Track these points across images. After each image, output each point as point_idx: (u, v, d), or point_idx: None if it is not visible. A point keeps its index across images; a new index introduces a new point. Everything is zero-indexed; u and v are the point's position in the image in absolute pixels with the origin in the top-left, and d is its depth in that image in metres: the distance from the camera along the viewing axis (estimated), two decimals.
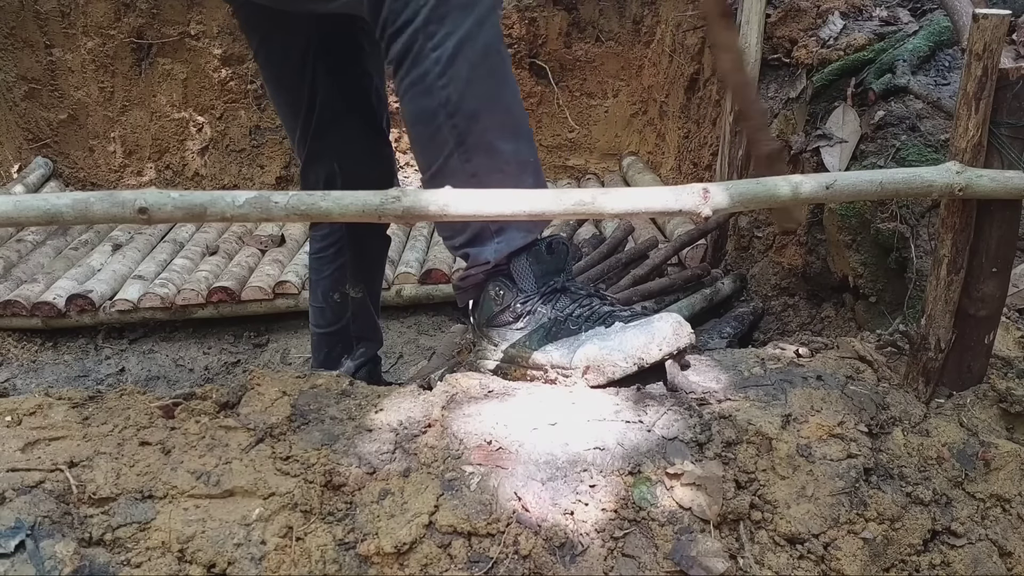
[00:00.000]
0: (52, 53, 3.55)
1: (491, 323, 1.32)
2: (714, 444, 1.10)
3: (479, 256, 1.30)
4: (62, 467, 1.02)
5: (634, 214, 1.04)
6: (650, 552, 1.01)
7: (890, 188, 1.06)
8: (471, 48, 1.17)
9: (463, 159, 1.21)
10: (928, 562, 1.05)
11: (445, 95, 1.18)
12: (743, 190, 1.04)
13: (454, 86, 1.17)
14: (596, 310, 1.28)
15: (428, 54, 1.16)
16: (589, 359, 1.20)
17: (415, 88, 1.20)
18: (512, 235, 1.28)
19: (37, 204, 0.94)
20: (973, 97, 1.06)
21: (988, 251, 1.14)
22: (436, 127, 1.20)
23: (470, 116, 1.19)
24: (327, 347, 1.82)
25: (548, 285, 1.29)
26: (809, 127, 2.14)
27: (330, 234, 1.75)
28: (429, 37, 1.16)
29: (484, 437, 1.09)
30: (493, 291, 1.32)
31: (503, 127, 1.23)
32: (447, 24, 1.15)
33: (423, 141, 1.24)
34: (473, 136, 1.20)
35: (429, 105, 1.19)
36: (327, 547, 0.99)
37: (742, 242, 2.56)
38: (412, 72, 1.19)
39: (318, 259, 1.79)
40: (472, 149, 1.21)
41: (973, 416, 1.17)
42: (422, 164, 1.27)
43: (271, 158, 3.71)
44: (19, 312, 2.66)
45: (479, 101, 1.20)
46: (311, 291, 1.83)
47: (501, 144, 1.22)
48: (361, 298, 1.81)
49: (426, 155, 1.25)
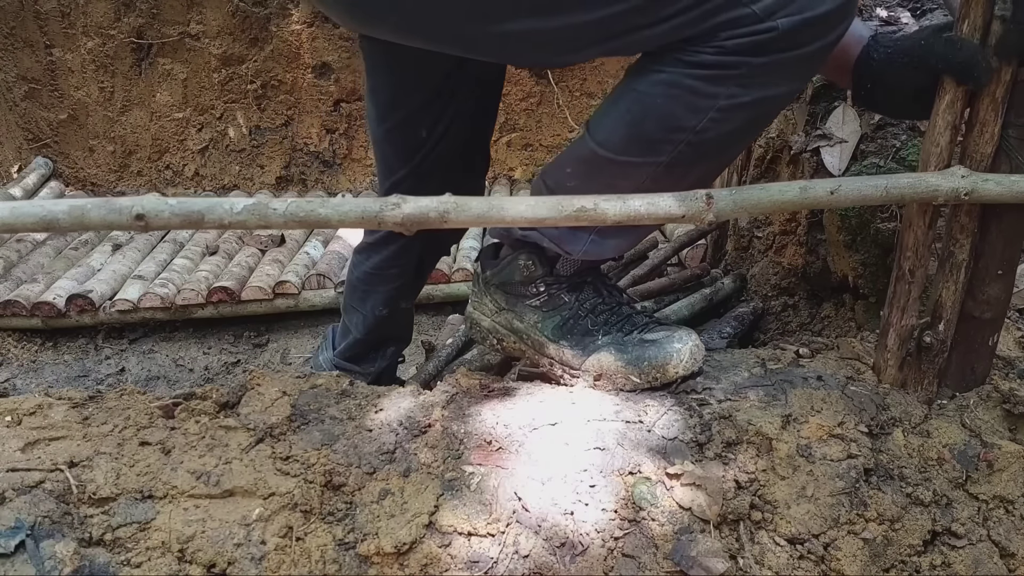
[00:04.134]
0: (52, 53, 3.54)
1: (504, 287, 1.29)
2: (714, 444, 1.10)
3: (567, 242, 1.21)
4: (62, 467, 1.02)
5: (636, 221, 1.03)
6: (650, 552, 1.01)
7: (895, 193, 1.06)
8: (758, 110, 1.08)
9: (656, 173, 1.11)
10: (928, 563, 1.05)
11: (704, 126, 1.07)
12: (746, 196, 1.04)
13: (718, 128, 1.07)
14: (615, 311, 1.26)
15: (731, 85, 1.04)
16: (603, 368, 1.20)
17: (688, 95, 1.06)
18: (608, 244, 1.21)
19: (34, 211, 0.94)
20: (1001, 101, 1.06)
21: (994, 253, 1.14)
22: (667, 139, 1.09)
23: (699, 156, 1.10)
24: (360, 349, 1.71)
25: (580, 275, 1.27)
26: (809, 127, 2.13)
27: (396, 255, 1.60)
28: (750, 76, 1.04)
29: (484, 437, 1.09)
30: (524, 260, 1.26)
31: (709, 173, 1.17)
32: (771, 77, 1.05)
33: (642, 133, 1.11)
34: (681, 168, 1.11)
35: (685, 119, 1.07)
36: (327, 547, 0.99)
37: (742, 242, 2.55)
38: (700, 83, 1.05)
39: (375, 276, 1.64)
40: (670, 174, 1.11)
41: (976, 417, 1.17)
42: (616, 143, 1.13)
43: (271, 158, 3.70)
44: (19, 312, 2.66)
45: (718, 152, 1.13)
46: (356, 298, 1.68)
47: (692, 181, 1.11)
48: (408, 308, 1.74)
49: (629, 143, 1.12)
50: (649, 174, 1.12)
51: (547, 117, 3.82)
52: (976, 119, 1.08)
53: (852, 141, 1.95)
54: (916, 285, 1.16)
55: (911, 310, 1.18)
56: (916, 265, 1.15)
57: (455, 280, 2.79)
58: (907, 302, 1.17)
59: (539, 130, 3.79)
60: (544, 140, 3.83)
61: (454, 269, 2.83)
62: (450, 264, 2.86)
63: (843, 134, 1.98)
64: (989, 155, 1.08)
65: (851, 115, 1.99)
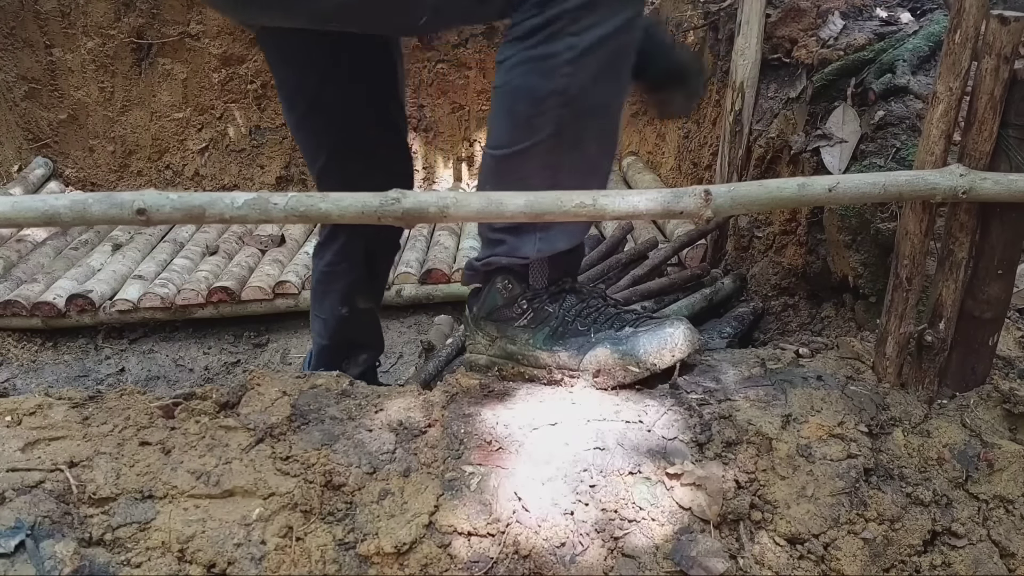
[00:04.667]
0: (52, 53, 3.55)
1: (491, 316, 1.31)
2: (714, 444, 1.10)
3: (517, 248, 1.26)
4: (62, 467, 1.02)
5: (635, 216, 1.04)
6: (650, 552, 1.01)
7: (893, 191, 1.06)
8: (607, 47, 1.12)
9: (551, 149, 1.17)
10: (928, 563, 1.05)
11: (564, 84, 1.12)
12: (745, 192, 1.04)
13: (577, 78, 1.12)
14: (602, 311, 1.27)
15: (564, 37, 1.10)
16: (600, 363, 1.20)
17: (535, 64, 1.13)
18: (556, 236, 1.25)
19: (35, 205, 0.94)
20: (1000, 100, 1.06)
21: (994, 253, 1.14)
22: (540, 111, 1.14)
23: (579, 113, 1.15)
24: (328, 357, 1.77)
25: (558, 285, 1.28)
26: (809, 127, 2.14)
27: (343, 249, 1.68)
28: (574, 21, 1.10)
29: (484, 437, 1.09)
30: (500, 283, 1.29)
31: (601, 131, 1.20)
32: (595, 15, 1.10)
33: (517, 118, 1.17)
34: (571, 132, 1.16)
35: (543, 87, 1.13)
36: (327, 547, 0.99)
37: (742, 242, 2.55)
38: (539, 48, 1.12)
39: (328, 273, 1.71)
40: (565, 143, 1.17)
41: (976, 417, 1.17)
42: (502, 138, 1.21)
43: (271, 158, 3.70)
44: (19, 312, 2.66)
45: (594, 101, 1.16)
46: (316, 302, 1.76)
47: (590, 146, 1.19)
48: (369, 308, 1.79)
49: (513, 132, 1.19)
50: (547, 154, 1.16)
51: None
52: (975, 118, 1.08)
53: (852, 141, 1.95)
54: (914, 292, 1.16)
55: (909, 317, 1.18)
56: (913, 272, 1.15)
57: (455, 280, 2.79)
58: (905, 309, 1.17)
59: None
60: None
61: (454, 269, 2.83)
62: (450, 264, 2.86)
63: (843, 134, 1.98)
64: (988, 153, 1.08)
65: (851, 115, 1.99)
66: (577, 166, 1.19)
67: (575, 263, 1.31)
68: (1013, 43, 1.04)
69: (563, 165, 1.18)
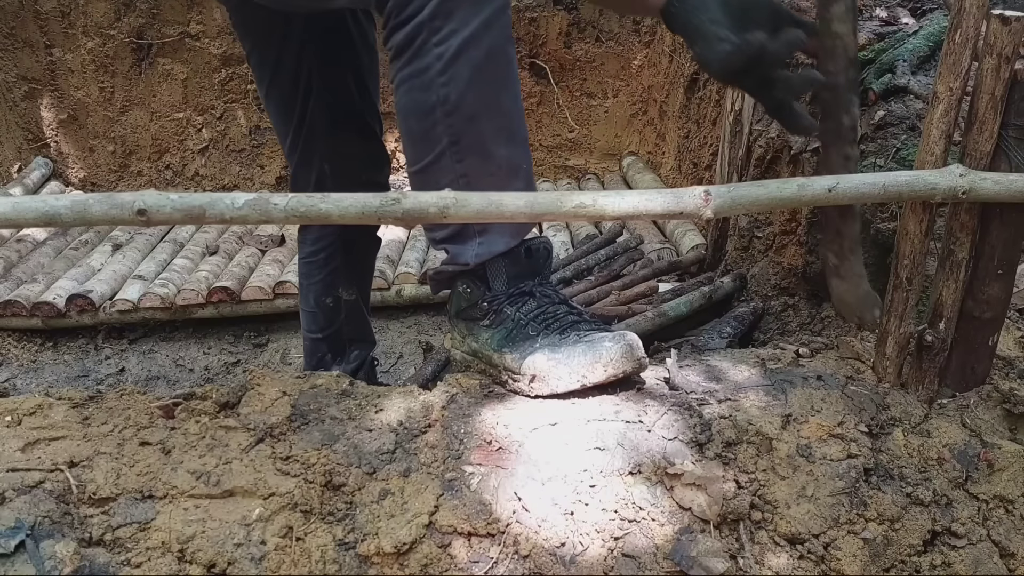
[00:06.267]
0: (52, 53, 3.55)
1: (460, 316, 1.32)
2: (714, 444, 1.10)
3: (459, 255, 1.28)
4: (62, 467, 1.02)
5: (635, 217, 1.03)
6: (650, 552, 1.01)
7: (893, 191, 1.06)
8: (475, 49, 1.15)
9: (455, 159, 1.20)
10: (928, 563, 1.05)
11: (444, 93, 1.16)
12: (744, 193, 1.04)
13: (454, 85, 1.15)
14: (560, 318, 1.25)
15: (431, 49, 1.14)
16: (536, 368, 1.18)
17: (413, 81, 1.18)
18: (494, 239, 1.26)
19: (36, 205, 0.94)
20: (1000, 100, 1.06)
21: (994, 253, 1.14)
22: (431, 123, 1.18)
23: (467, 118, 1.18)
24: (320, 352, 1.80)
25: (518, 287, 1.28)
26: None
27: (320, 238, 1.73)
28: (434, 32, 1.14)
29: (484, 437, 1.09)
30: (461, 287, 1.31)
31: (499, 131, 1.22)
32: (453, 21, 1.13)
33: (415, 135, 1.22)
34: (468, 138, 1.19)
35: (426, 100, 1.17)
36: (327, 547, 0.99)
37: (742, 242, 2.55)
38: (412, 64, 1.17)
39: (309, 263, 1.76)
40: (465, 150, 1.19)
41: (976, 417, 1.17)
42: (411, 156, 1.26)
43: (271, 158, 3.70)
44: (19, 312, 2.66)
45: (478, 103, 1.18)
46: (302, 296, 1.80)
47: (495, 148, 1.21)
48: (354, 300, 1.80)
49: (416, 149, 1.24)
50: (455, 163, 1.20)
51: (547, 117, 3.83)
52: (975, 117, 1.08)
53: None
54: (913, 293, 1.16)
55: (909, 317, 1.18)
56: (913, 273, 1.15)
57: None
58: (905, 310, 1.17)
59: (539, 130, 3.80)
60: (544, 140, 3.83)
61: None
62: None
63: None
64: (988, 153, 1.08)
65: None
66: (490, 170, 1.21)
67: (540, 264, 1.30)
68: (1014, 43, 1.04)
69: (475, 172, 1.20)
